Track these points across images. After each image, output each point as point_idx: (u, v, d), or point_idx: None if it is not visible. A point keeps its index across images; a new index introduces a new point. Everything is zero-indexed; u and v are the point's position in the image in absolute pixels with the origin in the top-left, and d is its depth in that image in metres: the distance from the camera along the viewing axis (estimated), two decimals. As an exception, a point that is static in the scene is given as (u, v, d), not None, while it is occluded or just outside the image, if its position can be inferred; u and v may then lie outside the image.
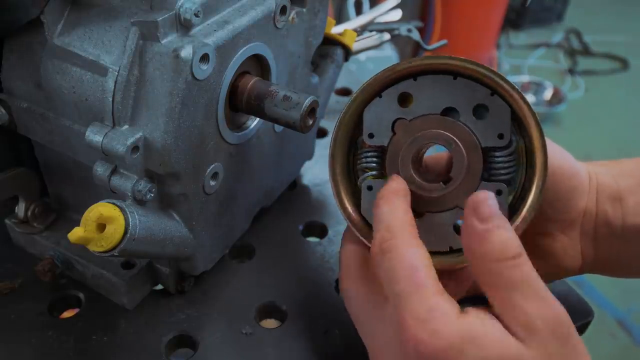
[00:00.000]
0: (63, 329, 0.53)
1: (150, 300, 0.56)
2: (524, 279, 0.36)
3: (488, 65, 0.43)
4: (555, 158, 0.47)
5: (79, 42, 0.46)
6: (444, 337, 0.35)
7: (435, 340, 0.35)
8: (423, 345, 0.35)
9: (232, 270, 0.60)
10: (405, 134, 0.45)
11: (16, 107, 0.51)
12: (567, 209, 0.49)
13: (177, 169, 0.46)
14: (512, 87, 0.42)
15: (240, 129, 0.54)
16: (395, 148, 0.46)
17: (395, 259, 0.38)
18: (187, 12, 0.43)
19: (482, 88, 0.43)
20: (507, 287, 0.36)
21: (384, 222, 0.41)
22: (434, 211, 0.46)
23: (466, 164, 0.44)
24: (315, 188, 0.72)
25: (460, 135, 0.44)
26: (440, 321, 0.35)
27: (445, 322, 0.36)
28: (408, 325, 0.36)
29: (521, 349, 0.35)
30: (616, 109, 2.97)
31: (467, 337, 0.35)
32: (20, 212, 0.57)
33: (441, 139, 0.44)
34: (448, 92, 0.44)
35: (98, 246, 0.41)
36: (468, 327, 0.36)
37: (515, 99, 0.42)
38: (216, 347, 0.52)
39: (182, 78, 0.42)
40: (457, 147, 0.44)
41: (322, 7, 0.58)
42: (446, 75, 0.44)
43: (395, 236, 0.39)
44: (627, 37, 3.49)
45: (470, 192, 0.44)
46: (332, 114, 0.85)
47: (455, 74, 0.43)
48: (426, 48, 0.82)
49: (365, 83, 0.45)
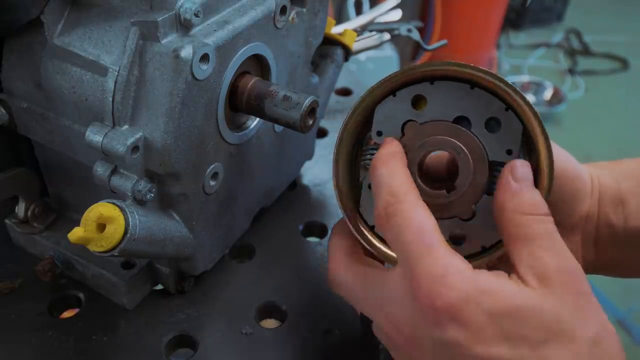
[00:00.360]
0: (63, 329, 0.53)
1: (150, 300, 0.56)
2: (548, 233, 0.38)
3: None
4: (560, 161, 0.47)
5: (79, 42, 0.46)
6: (461, 289, 0.35)
7: (452, 292, 0.35)
8: (440, 299, 0.35)
9: (232, 270, 0.60)
10: (414, 136, 0.44)
11: (16, 107, 0.51)
12: (570, 213, 0.49)
13: (177, 169, 0.46)
14: (529, 106, 0.42)
15: (240, 129, 0.54)
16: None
17: (402, 223, 0.39)
18: (187, 12, 0.43)
19: (497, 102, 0.43)
20: (531, 238, 0.38)
21: (385, 185, 0.41)
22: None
23: (472, 175, 0.43)
24: (315, 188, 0.72)
25: (469, 145, 0.43)
26: (456, 277, 0.36)
27: (461, 277, 0.36)
28: (422, 283, 0.36)
29: (535, 300, 0.35)
30: (616, 109, 2.97)
31: (483, 290, 0.35)
32: (20, 212, 0.57)
33: (450, 147, 0.43)
34: (463, 100, 0.43)
35: (98, 246, 0.41)
36: (484, 281, 0.36)
37: (530, 119, 0.42)
38: (216, 347, 0.52)
39: (182, 78, 0.42)
40: (465, 157, 0.43)
41: (322, 7, 0.58)
42: (464, 84, 0.43)
43: (399, 200, 0.39)
44: (627, 37, 3.49)
45: (472, 204, 0.44)
46: (332, 114, 0.85)
47: (473, 84, 0.43)
48: (426, 48, 0.82)
49: (384, 79, 0.45)
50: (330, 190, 0.71)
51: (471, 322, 0.35)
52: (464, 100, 0.43)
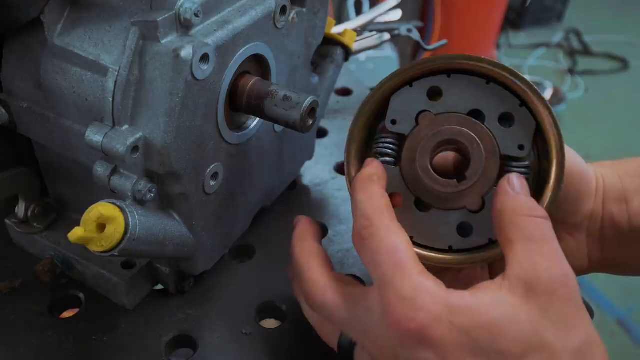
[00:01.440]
0: (63, 329, 0.53)
1: (150, 300, 0.56)
2: (545, 237, 0.38)
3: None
4: (567, 159, 0.47)
5: (79, 42, 0.46)
6: (430, 310, 0.35)
7: (421, 314, 0.35)
8: (409, 323, 0.35)
9: (232, 270, 0.60)
10: (429, 126, 0.45)
11: (16, 107, 0.51)
12: (575, 212, 0.49)
13: (177, 169, 0.46)
14: (544, 104, 0.42)
15: (240, 129, 0.54)
16: (415, 139, 0.45)
17: (375, 244, 0.39)
18: (187, 12, 0.43)
19: (512, 98, 0.43)
20: (527, 239, 0.38)
21: (361, 210, 0.41)
22: (441, 208, 0.46)
23: (484, 166, 0.43)
24: (315, 188, 0.72)
25: (482, 138, 0.43)
26: (426, 297, 0.35)
27: (431, 297, 0.35)
28: (393, 305, 0.36)
29: (513, 312, 0.35)
30: (616, 109, 2.97)
31: (455, 307, 0.35)
32: (20, 212, 0.57)
33: (464, 137, 0.44)
34: (478, 94, 0.44)
35: (98, 246, 0.41)
36: (456, 298, 0.35)
37: (544, 116, 0.42)
38: (216, 347, 0.53)
39: (182, 78, 0.42)
40: (477, 148, 0.43)
41: (322, 7, 0.58)
42: (480, 79, 0.44)
43: (372, 223, 0.40)
44: (627, 37, 3.49)
45: (481, 196, 0.44)
46: (332, 114, 0.85)
47: (489, 79, 0.43)
48: (426, 48, 0.82)
49: (400, 69, 0.45)
50: (331, 190, 0.72)
51: (441, 343, 0.34)
52: (480, 94, 0.44)
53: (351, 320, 0.42)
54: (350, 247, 0.62)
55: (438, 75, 0.45)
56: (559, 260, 0.37)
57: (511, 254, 0.38)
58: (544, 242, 0.38)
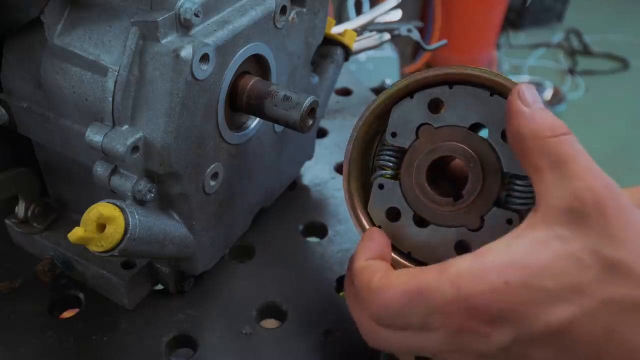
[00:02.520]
0: (63, 329, 0.53)
1: (150, 300, 0.56)
2: (575, 155, 0.36)
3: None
4: None
5: (79, 42, 0.46)
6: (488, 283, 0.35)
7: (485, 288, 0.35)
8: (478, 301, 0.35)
9: (232, 270, 0.60)
10: (428, 140, 0.44)
11: (16, 107, 0.51)
12: None
13: (177, 169, 0.46)
14: None
15: (240, 129, 0.54)
16: (414, 153, 0.44)
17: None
18: (187, 12, 0.43)
19: None
20: (557, 163, 0.35)
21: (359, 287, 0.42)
22: (439, 225, 0.45)
23: (480, 185, 0.42)
24: (315, 188, 0.72)
25: (483, 154, 0.42)
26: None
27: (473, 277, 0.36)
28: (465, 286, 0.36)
29: (566, 242, 0.33)
30: (616, 109, 2.97)
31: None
32: (20, 212, 0.57)
33: (461, 154, 0.42)
34: (481, 107, 0.42)
35: (98, 246, 0.41)
36: (487, 260, 0.36)
37: None
38: (216, 347, 0.53)
39: (182, 78, 0.42)
40: (475, 166, 0.42)
41: (322, 7, 0.58)
42: (483, 90, 0.42)
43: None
44: (627, 37, 3.49)
45: (480, 214, 0.43)
46: (332, 114, 0.85)
47: (493, 91, 0.42)
48: (426, 48, 0.82)
49: (401, 80, 0.44)
50: (330, 190, 0.72)
51: (512, 308, 0.34)
52: (483, 107, 0.42)
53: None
54: (350, 247, 0.62)
55: (439, 87, 0.43)
56: (596, 174, 0.35)
57: (542, 184, 0.36)
58: (574, 161, 0.35)
